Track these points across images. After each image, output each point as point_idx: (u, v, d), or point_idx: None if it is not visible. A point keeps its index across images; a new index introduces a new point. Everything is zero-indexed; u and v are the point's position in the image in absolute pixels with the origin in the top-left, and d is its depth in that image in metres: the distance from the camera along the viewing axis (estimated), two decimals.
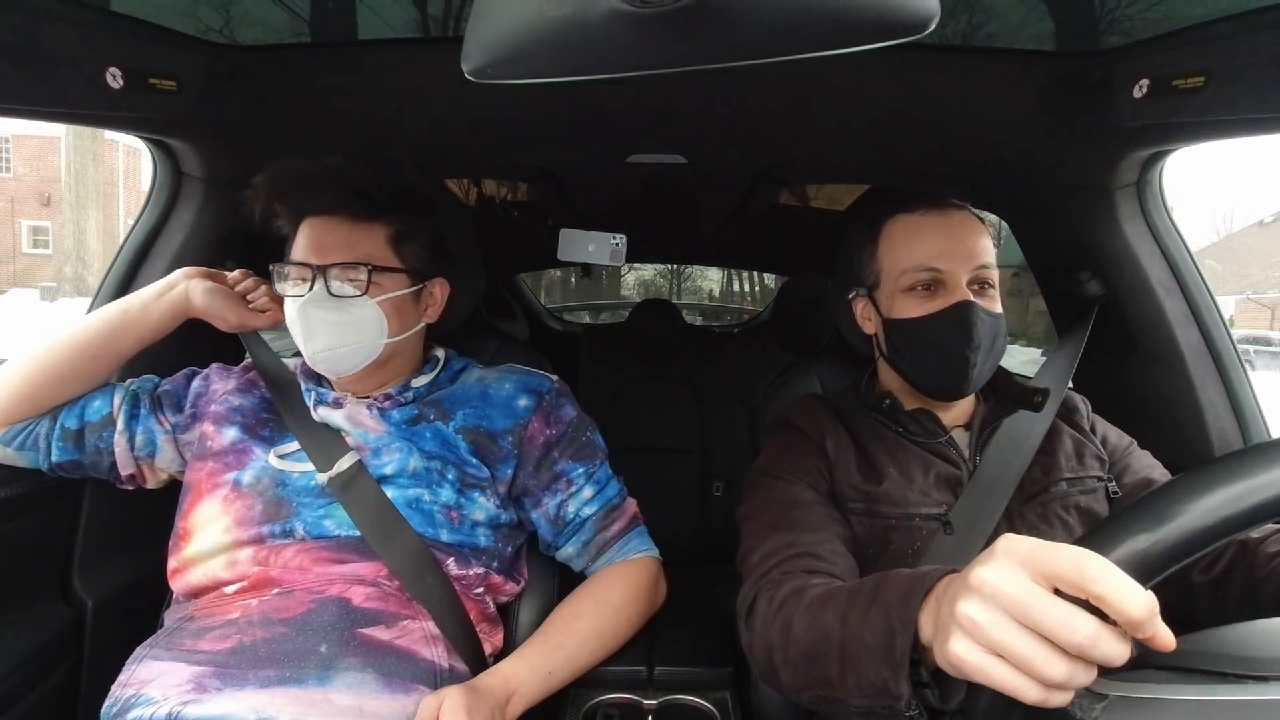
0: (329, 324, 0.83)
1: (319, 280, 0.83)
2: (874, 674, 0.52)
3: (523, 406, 0.92)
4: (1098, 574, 0.37)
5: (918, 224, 0.84)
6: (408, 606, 0.80)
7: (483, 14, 0.39)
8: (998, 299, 0.83)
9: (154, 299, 0.88)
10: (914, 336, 0.83)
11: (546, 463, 0.91)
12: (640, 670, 0.96)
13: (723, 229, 1.82)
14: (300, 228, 0.87)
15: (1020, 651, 0.38)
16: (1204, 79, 0.73)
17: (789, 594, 0.66)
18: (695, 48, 0.37)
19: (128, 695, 0.72)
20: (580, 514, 0.92)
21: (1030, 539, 0.42)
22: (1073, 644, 0.37)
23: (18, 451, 0.87)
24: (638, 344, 2.01)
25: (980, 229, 0.84)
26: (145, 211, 1.11)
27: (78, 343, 0.86)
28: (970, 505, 0.80)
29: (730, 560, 0.83)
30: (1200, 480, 0.40)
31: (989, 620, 0.40)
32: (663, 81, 0.88)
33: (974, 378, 0.81)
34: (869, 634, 0.53)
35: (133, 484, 0.93)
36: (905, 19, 0.35)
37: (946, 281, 0.81)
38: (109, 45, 0.78)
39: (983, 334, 0.80)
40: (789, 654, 0.63)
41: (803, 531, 0.76)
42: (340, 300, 0.83)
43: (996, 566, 0.41)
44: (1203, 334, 1.03)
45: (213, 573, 0.81)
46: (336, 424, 0.88)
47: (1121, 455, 0.87)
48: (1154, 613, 0.36)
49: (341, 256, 0.84)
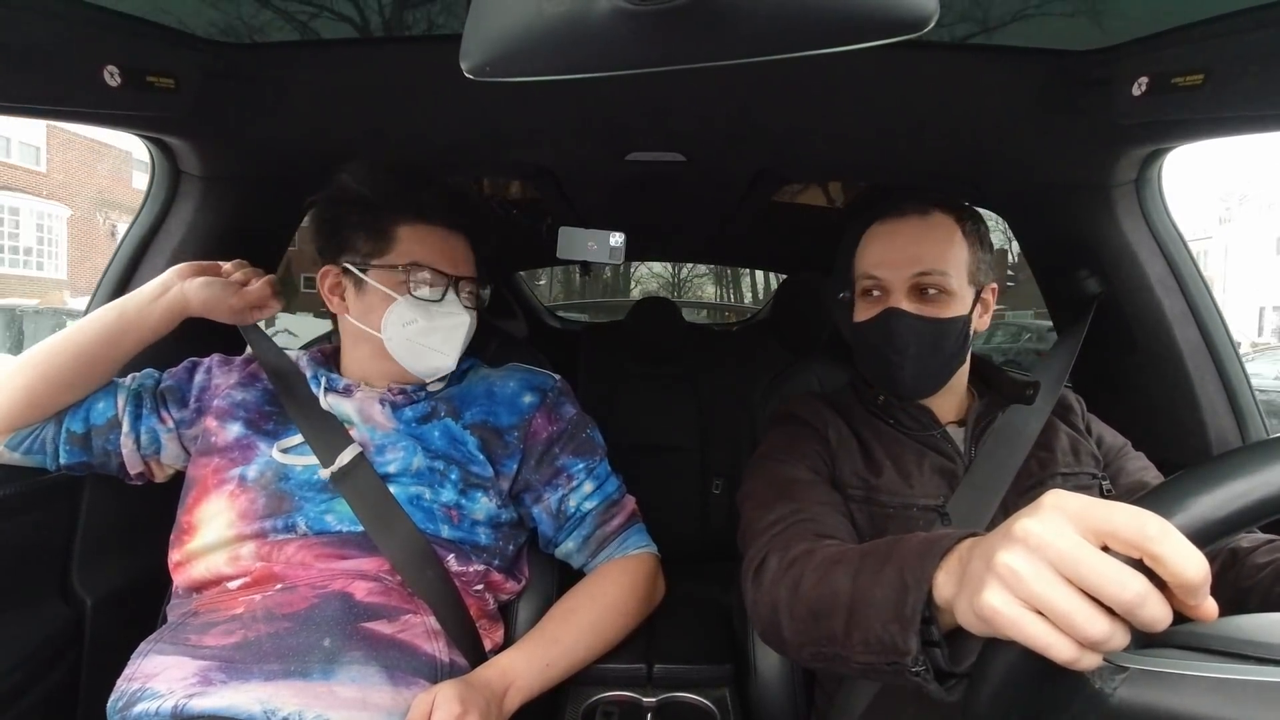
0: (463, 333, 0.91)
1: (451, 290, 0.90)
2: (881, 630, 0.51)
3: (527, 403, 0.94)
4: (1158, 533, 0.36)
5: (875, 232, 0.88)
6: (409, 601, 0.80)
7: (481, 12, 0.39)
8: (951, 304, 0.83)
9: (150, 302, 0.86)
10: (859, 340, 0.89)
11: (548, 458, 0.93)
12: (639, 668, 0.96)
13: (722, 227, 1.82)
14: (407, 230, 0.89)
15: (1062, 605, 0.37)
16: (1203, 77, 0.73)
17: (801, 553, 0.66)
18: (694, 45, 0.37)
19: (134, 689, 0.73)
20: (581, 508, 0.93)
21: (1080, 495, 0.40)
22: (1121, 601, 0.36)
23: (25, 455, 0.87)
24: (637, 342, 2.01)
25: (933, 236, 0.84)
26: (144, 209, 1.11)
27: (77, 349, 0.85)
28: (966, 497, 0.81)
29: (729, 559, 0.83)
30: (1265, 451, 0.38)
31: (1032, 572, 0.38)
32: (662, 79, 0.88)
33: (908, 380, 0.84)
34: (880, 591, 0.52)
35: (142, 480, 0.93)
36: (904, 17, 0.35)
37: (886, 288, 0.84)
38: (106, 43, 0.77)
39: (909, 339, 0.82)
40: (795, 610, 0.62)
41: (807, 502, 0.77)
42: (469, 312, 0.92)
43: (1045, 519, 0.39)
44: (1201, 332, 1.03)
45: (215, 567, 0.81)
46: (344, 413, 0.89)
47: (1116, 456, 0.88)
48: (1209, 578, 0.36)
49: (468, 271, 0.93)
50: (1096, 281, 1.07)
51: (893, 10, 0.35)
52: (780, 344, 1.96)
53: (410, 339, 0.88)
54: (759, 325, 2.41)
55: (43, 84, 0.74)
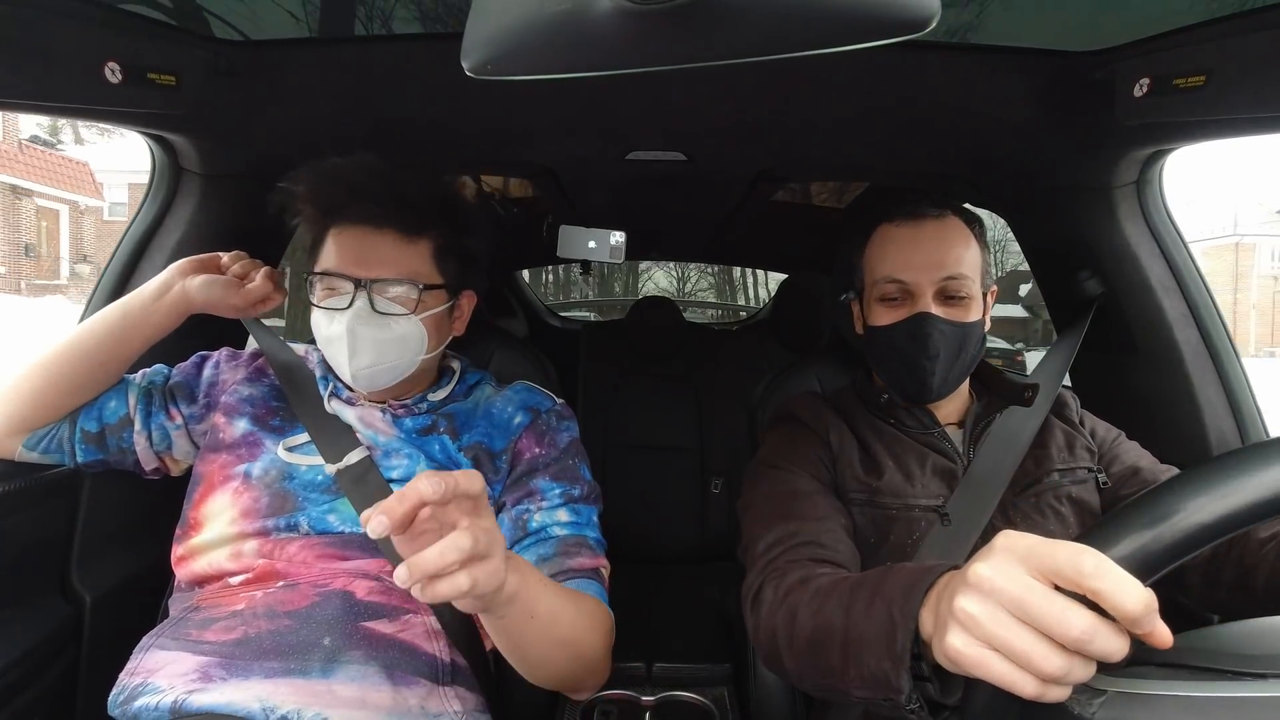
0: (374, 341, 0.82)
1: (361, 295, 0.81)
2: (875, 666, 0.52)
3: (516, 423, 0.90)
4: (1094, 569, 0.37)
5: (892, 235, 0.87)
6: (409, 601, 0.80)
7: (483, 10, 0.39)
8: (972, 308, 0.84)
9: (152, 301, 0.86)
10: (882, 344, 0.87)
11: (524, 479, 0.86)
12: (639, 667, 0.96)
13: (722, 226, 1.82)
14: (334, 234, 0.84)
15: (1017, 646, 0.39)
16: (1204, 78, 0.73)
17: (795, 583, 0.67)
18: (695, 44, 0.37)
19: (135, 684, 0.73)
20: (548, 530, 0.82)
21: (1029, 535, 0.42)
22: (1069, 639, 0.37)
23: (43, 455, 0.88)
24: (637, 342, 2.01)
25: (953, 240, 0.84)
26: (144, 206, 1.11)
27: (85, 351, 0.85)
28: (966, 498, 0.82)
29: (728, 558, 0.83)
30: (1200, 477, 0.40)
31: (987, 615, 0.41)
32: (662, 78, 0.88)
33: (935, 385, 0.84)
34: (871, 627, 0.54)
35: (158, 475, 0.94)
36: (905, 17, 0.35)
37: (912, 292, 0.84)
38: (108, 40, 0.77)
39: (940, 344, 0.82)
40: (794, 643, 0.64)
41: (806, 520, 0.77)
42: (385, 317, 0.82)
43: (995, 563, 0.42)
44: (1201, 333, 1.03)
45: (217, 563, 0.81)
46: (347, 419, 0.89)
47: (1110, 446, 0.89)
48: (1151, 609, 0.37)
49: (388, 272, 0.83)
50: (1097, 282, 1.07)
51: (894, 10, 0.35)
52: (780, 344, 1.97)
53: (324, 349, 0.86)
54: (759, 325, 2.41)
55: (44, 80, 0.74)
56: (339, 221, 0.84)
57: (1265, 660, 0.40)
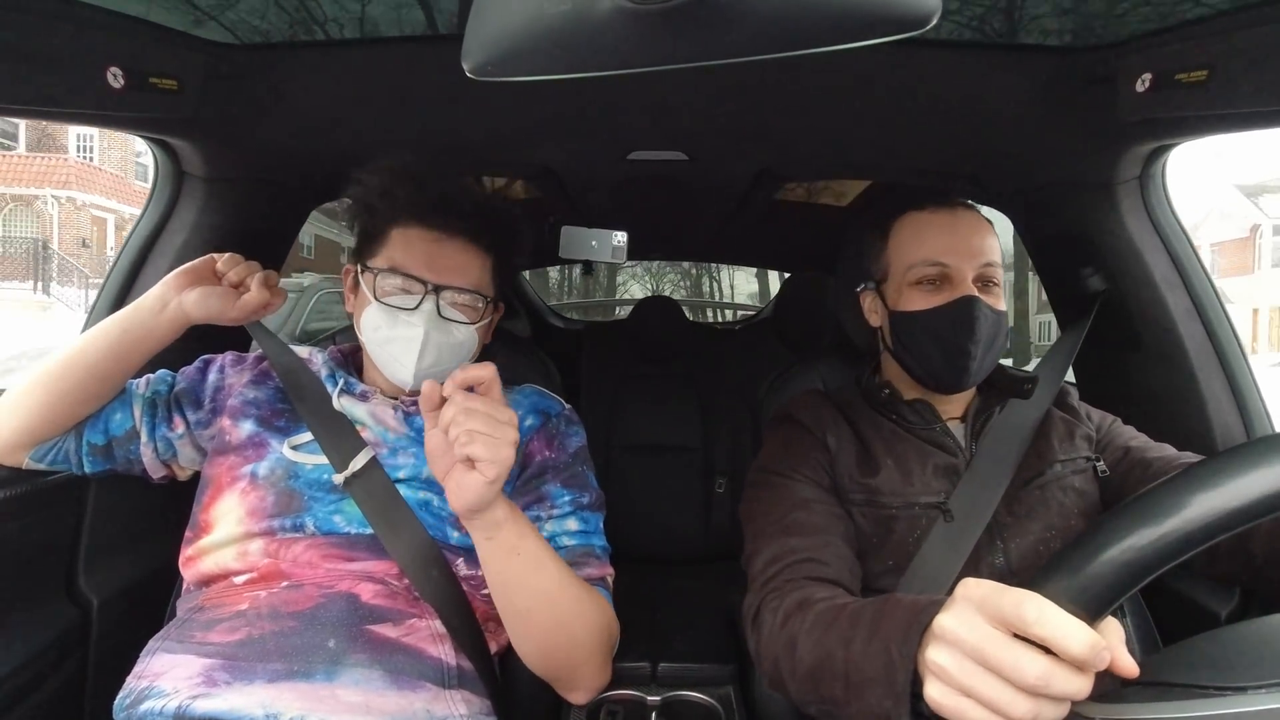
0: (439, 345, 0.85)
1: (430, 299, 0.84)
2: (877, 704, 0.53)
3: (527, 425, 0.91)
4: (1036, 617, 0.39)
5: (926, 221, 0.86)
6: (415, 605, 0.80)
7: (483, 12, 0.39)
8: (1001, 297, 0.85)
9: (153, 317, 0.86)
10: (918, 329, 0.85)
11: (535, 483, 0.88)
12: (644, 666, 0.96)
13: (724, 226, 1.82)
14: (399, 232, 0.86)
15: (985, 694, 0.41)
16: (1207, 73, 0.73)
17: (793, 607, 0.68)
18: (696, 44, 0.36)
19: (141, 687, 0.73)
20: (557, 539, 0.84)
21: (985, 583, 0.44)
22: (1025, 685, 0.39)
23: (51, 465, 0.89)
24: (639, 341, 2.01)
25: (986, 228, 0.85)
26: (147, 211, 1.11)
27: (88, 365, 0.85)
28: (968, 493, 0.82)
29: (732, 558, 0.83)
30: (1137, 512, 0.39)
31: (955, 665, 0.43)
32: (664, 78, 0.88)
33: (973, 371, 0.83)
34: (870, 665, 0.54)
35: (166, 481, 0.94)
36: (906, 14, 0.35)
37: (952, 277, 0.83)
38: (110, 45, 0.78)
39: (984, 329, 0.82)
40: (796, 671, 0.64)
41: (805, 535, 0.77)
42: (449, 323, 0.86)
43: (956, 612, 0.44)
44: (1206, 328, 1.02)
45: (223, 562, 0.81)
46: (356, 416, 0.89)
47: (1106, 431, 0.89)
48: (1097, 648, 0.38)
49: (459, 280, 0.86)
50: (1100, 278, 1.07)
51: (895, 8, 0.35)
52: (783, 343, 1.96)
53: (378, 346, 0.87)
54: (761, 324, 2.41)
55: (46, 85, 0.74)
56: (408, 221, 0.87)
57: (1244, 672, 0.40)
